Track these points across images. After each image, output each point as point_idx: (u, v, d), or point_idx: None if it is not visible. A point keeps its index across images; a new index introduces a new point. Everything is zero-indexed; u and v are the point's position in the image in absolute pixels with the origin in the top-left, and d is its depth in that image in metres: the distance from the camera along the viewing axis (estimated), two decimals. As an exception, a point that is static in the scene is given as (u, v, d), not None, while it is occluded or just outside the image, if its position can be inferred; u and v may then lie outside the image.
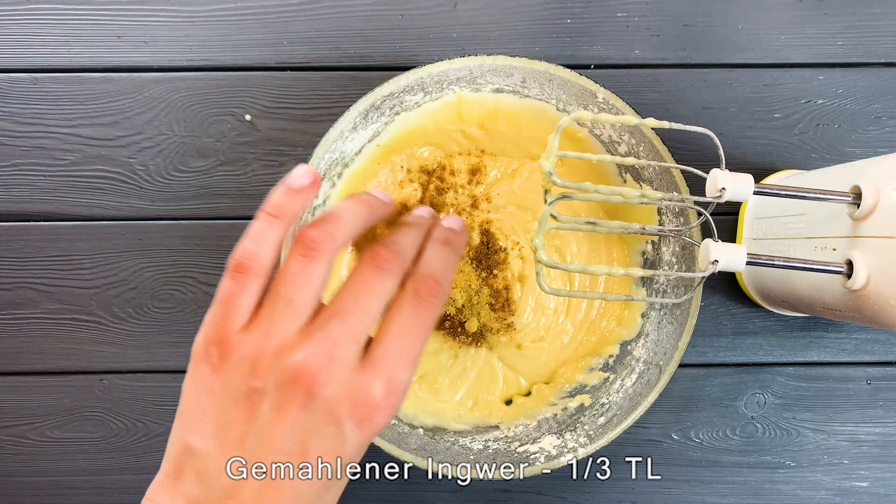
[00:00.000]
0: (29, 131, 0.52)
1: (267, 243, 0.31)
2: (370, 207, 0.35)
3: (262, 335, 0.29)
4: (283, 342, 0.29)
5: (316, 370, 0.28)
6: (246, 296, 0.30)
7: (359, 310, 0.30)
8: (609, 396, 0.49)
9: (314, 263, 0.30)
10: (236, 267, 0.30)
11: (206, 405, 0.29)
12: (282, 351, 0.28)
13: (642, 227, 0.38)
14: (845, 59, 0.53)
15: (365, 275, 0.31)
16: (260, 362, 0.28)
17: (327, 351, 0.28)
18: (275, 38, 0.53)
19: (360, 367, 0.29)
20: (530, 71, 0.47)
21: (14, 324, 0.53)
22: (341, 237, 0.32)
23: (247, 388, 0.28)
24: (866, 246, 0.35)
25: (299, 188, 0.33)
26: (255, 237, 0.31)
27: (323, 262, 0.30)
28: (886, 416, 0.53)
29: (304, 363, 0.28)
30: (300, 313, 0.29)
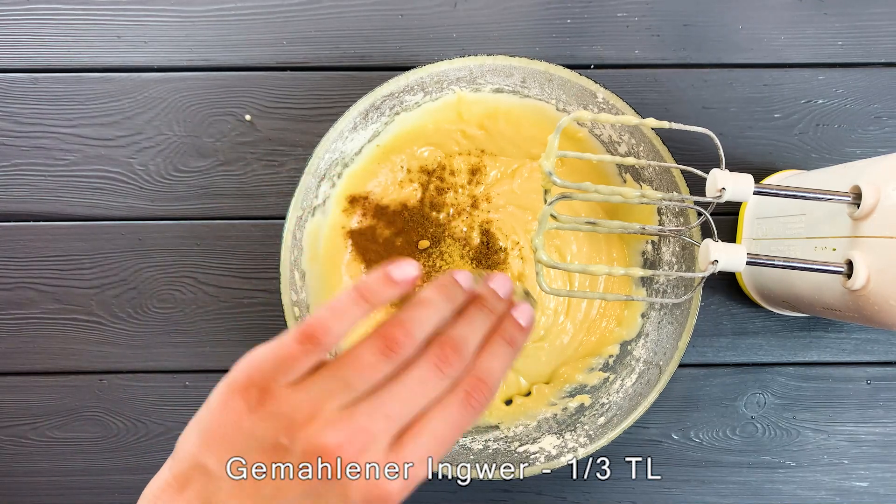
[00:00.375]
0: (29, 131, 0.52)
1: (344, 322, 0.31)
2: (453, 302, 0.34)
3: (308, 400, 0.29)
4: (324, 414, 0.29)
5: (345, 456, 0.28)
6: (305, 363, 0.30)
7: (406, 407, 0.30)
8: (609, 396, 0.49)
9: (386, 363, 0.30)
10: (307, 336, 0.30)
11: (231, 436, 0.29)
12: (320, 424, 0.28)
13: (642, 227, 0.38)
14: (845, 59, 0.53)
15: (424, 373, 0.31)
16: (295, 424, 0.28)
17: (363, 442, 0.28)
18: (275, 38, 0.53)
19: (386, 457, 0.29)
20: (530, 71, 0.47)
21: (14, 324, 0.53)
22: (420, 340, 0.32)
23: (275, 441, 0.28)
24: (866, 246, 0.35)
25: (399, 281, 0.33)
26: (336, 313, 0.31)
27: (396, 362, 0.31)
28: (886, 415, 0.53)
29: (335, 447, 0.28)
30: (351, 399, 0.30)
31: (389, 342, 0.31)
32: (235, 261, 0.53)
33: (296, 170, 0.53)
